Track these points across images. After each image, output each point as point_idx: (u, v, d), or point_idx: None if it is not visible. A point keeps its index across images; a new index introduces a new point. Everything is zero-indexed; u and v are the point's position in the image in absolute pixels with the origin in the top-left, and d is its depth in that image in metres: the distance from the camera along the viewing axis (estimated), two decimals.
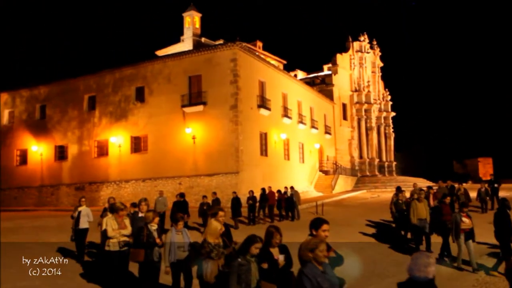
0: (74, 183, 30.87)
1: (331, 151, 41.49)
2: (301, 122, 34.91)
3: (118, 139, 29.53)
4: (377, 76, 51.61)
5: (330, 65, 46.08)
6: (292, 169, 32.73)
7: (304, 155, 35.51)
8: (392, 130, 51.56)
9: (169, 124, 27.83)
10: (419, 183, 32.25)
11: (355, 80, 47.61)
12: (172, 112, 27.80)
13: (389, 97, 51.85)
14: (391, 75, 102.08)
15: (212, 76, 27.11)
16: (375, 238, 14.95)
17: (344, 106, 45.46)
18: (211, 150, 26.55)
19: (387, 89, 52.72)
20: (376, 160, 47.70)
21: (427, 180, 42.62)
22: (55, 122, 32.40)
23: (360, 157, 46.48)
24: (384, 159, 49.52)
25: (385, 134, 50.55)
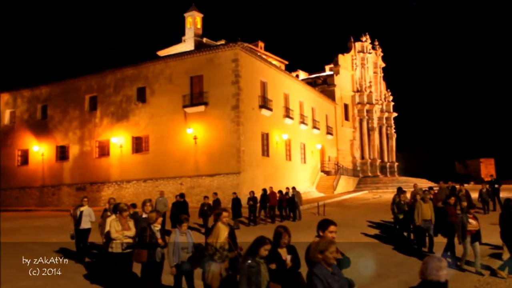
0: (75, 183, 30.86)
1: (332, 151, 41.41)
2: (302, 123, 34.84)
3: (119, 139, 29.50)
4: (379, 76, 51.49)
5: (332, 65, 45.99)
6: (294, 169, 32.67)
7: (306, 155, 35.45)
8: (394, 130, 51.43)
9: (170, 124, 27.80)
10: (421, 184, 32.34)
11: (357, 80, 47.50)
12: (174, 113, 27.77)
13: (391, 97, 51.76)
14: (393, 75, 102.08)
15: (214, 76, 27.06)
16: (376, 238, 14.90)
17: (346, 107, 45.35)
18: (212, 150, 26.50)
19: (389, 89, 52.61)
20: (378, 161, 47.59)
21: (429, 181, 42.52)
22: (56, 122, 32.40)
23: (362, 157, 46.37)
24: (385, 159, 49.41)
25: (387, 134, 50.44)
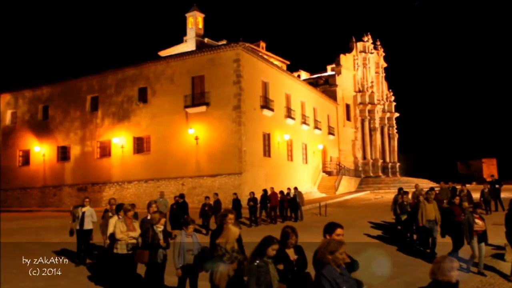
0: (76, 184, 30.84)
1: (334, 152, 41.32)
2: (304, 123, 34.76)
3: (120, 139, 29.46)
4: (380, 76, 51.36)
5: (334, 65, 45.97)
6: (295, 170, 32.59)
7: (308, 156, 35.37)
8: (395, 130, 51.32)
9: (171, 124, 27.74)
10: (423, 184, 32.23)
11: (359, 80, 47.41)
12: (175, 113, 27.72)
13: (392, 97, 51.64)
14: (395, 75, 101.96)
15: (215, 76, 27.00)
16: (379, 239, 14.82)
17: (347, 107, 45.27)
18: (214, 150, 26.44)
19: (390, 89, 52.51)
20: (380, 161, 47.49)
21: (431, 181, 42.39)
22: (57, 123, 32.38)
23: (364, 158, 46.28)
24: (387, 160, 49.31)
25: (388, 134, 50.33)
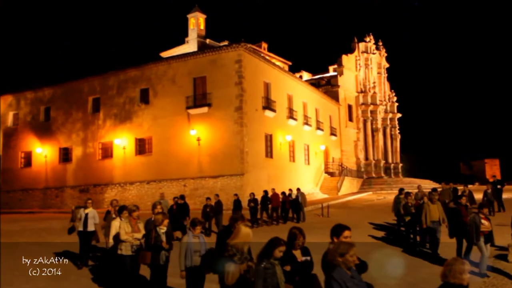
0: (78, 185, 30.83)
1: (336, 152, 41.23)
2: (306, 124, 34.68)
3: (122, 141, 29.42)
4: (382, 77, 51.24)
5: (336, 66, 45.88)
6: (298, 171, 32.51)
7: (310, 156, 35.28)
8: (398, 131, 51.21)
9: (173, 126, 27.70)
10: (425, 185, 32.13)
11: (361, 81, 47.32)
12: (177, 114, 27.68)
13: (395, 98, 51.50)
14: (397, 76, 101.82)
15: (217, 77, 26.96)
16: (382, 240, 14.74)
17: (349, 108, 45.19)
18: (215, 152, 26.39)
19: (393, 90, 52.40)
20: (382, 162, 47.37)
21: (434, 182, 42.26)
22: (59, 124, 32.36)
23: (366, 158, 46.19)
24: (390, 160, 49.19)
25: (391, 135, 50.21)
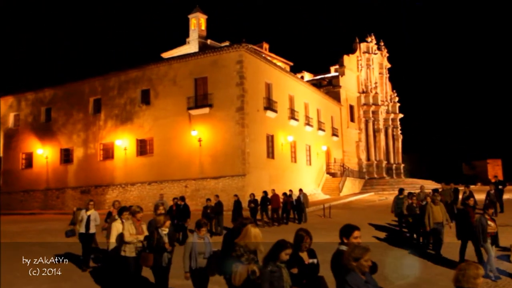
0: (79, 186, 30.77)
1: (338, 153, 41.13)
2: (308, 124, 34.59)
3: (123, 142, 29.36)
4: (384, 77, 51.15)
5: (337, 66, 45.77)
6: (299, 171, 32.42)
7: (311, 157, 35.18)
8: (400, 132, 51.10)
9: (175, 126, 27.63)
10: (427, 185, 31.94)
11: (362, 81, 47.22)
12: (178, 115, 27.61)
13: (396, 98, 51.42)
14: (399, 76, 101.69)
15: (218, 78, 26.88)
16: (384, 241, 14.65)
17: (351, 108, 45.08)
18: (217, 152, 26.31)
19: (394, 90, 52.30)
20: (384, 162, 47.25)
21: (436, 182, 42.08)
22: (60, 125, 32.31)
23: (368, 159, 46.09)
24: (392, 161, 49.07)
25: (392, 136, 50.10)
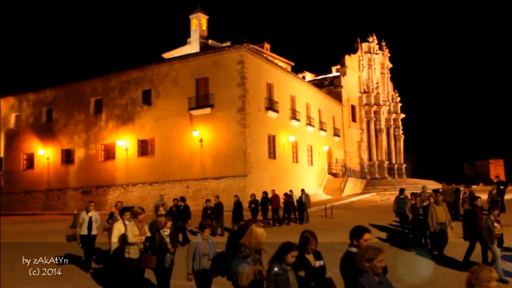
0: (81, 187, 30.74)
1: (340, 153, 41.04)
2: (309, 125, 34.52)
3: (125, 142, 29.33)
4: (386, 77, 51.02)
5: (339, 66, 45.65)
6: (301, 172, 32.35)
7: (313, 157, 35.11)
8: (401, 132, 50.98)
9: (176, 127, 27.59)
10: (429, 186, 31.84)
11: (364, 81, 47.10)
12: (179, 115, 27.57)
13: (398, 98, 51.30)
14: (400, 76, 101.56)
15: (219, 78, 26.84)
16: (386, 241, 14.58)
17: (353, 108, 44.98)
18: (218, 153, 26.26)
19: (396, 90, 52.18)
20: (386, 163, 47.13)
21: (438, 183, 41.96)
22: (61, 126, 32.29)
23: (370, 159, 45.97)
24: (393, 161, 48.95)
25: (394, 136, 49.98)
